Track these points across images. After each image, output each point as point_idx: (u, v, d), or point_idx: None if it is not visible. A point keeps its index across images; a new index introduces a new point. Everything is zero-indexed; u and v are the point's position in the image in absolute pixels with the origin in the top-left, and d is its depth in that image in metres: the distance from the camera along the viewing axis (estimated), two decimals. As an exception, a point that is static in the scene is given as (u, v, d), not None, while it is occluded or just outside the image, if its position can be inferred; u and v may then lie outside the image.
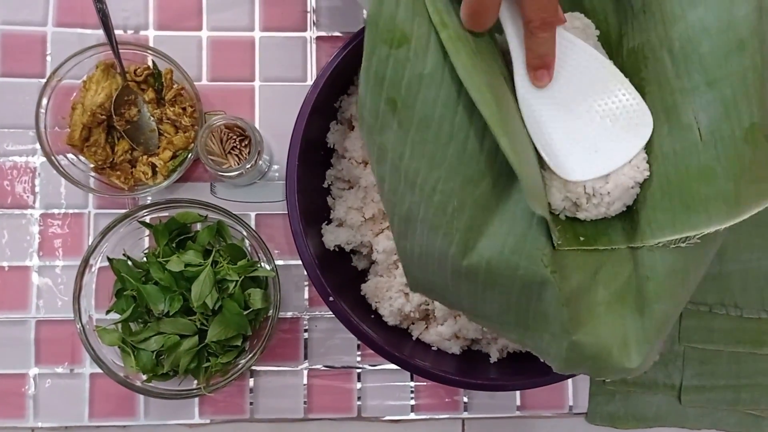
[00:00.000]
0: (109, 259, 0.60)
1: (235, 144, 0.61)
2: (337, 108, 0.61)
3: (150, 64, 0.63)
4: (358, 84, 0.59)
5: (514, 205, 0.41)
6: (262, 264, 0.61)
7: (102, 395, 0.64)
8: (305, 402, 0.64)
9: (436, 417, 0.65)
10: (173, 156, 0.62)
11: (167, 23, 0.66)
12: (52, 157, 0.60)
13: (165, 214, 0.61)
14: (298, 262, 0.62)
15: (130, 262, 0.61)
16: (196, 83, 0.62)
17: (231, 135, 0.60)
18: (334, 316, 0.55)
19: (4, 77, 0.65)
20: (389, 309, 0.58)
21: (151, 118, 0.63)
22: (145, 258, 0.62)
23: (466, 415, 0.65)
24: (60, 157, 0.61)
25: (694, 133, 0.40)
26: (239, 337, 0.59)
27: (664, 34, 0.41)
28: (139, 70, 0.62)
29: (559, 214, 0.45)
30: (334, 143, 0.60)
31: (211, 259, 0.59)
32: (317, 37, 0.66)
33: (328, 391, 0.64)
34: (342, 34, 0.66)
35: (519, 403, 0.65)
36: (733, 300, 0.66)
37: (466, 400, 0.65)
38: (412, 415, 0.65)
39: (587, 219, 0.44)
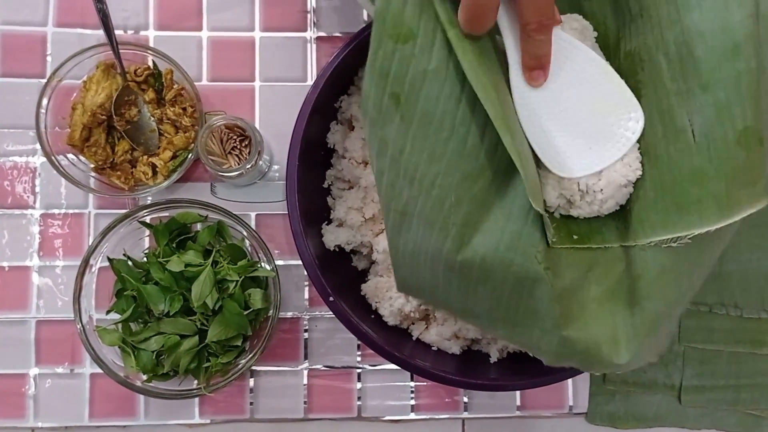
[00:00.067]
0: (110, 259, 0.60)
1: (235, 144, 0.61)
2: (338, 108, 0.61)
3: (150, 64, 0.63)
4: (358, 84, 0.60)
5: (511, 202, 0.42)
6: (263, 264, 0.61)
7: (102, 395, 0.64)
8: (305, 402, 0.64)
9: (436, 417, 0.65)
10: (173, 156, 0.63)
11: (167, 23, 0.66)
12: (53, 158, 0.60)
13: (165, 214, 0.61)
14: (299, 262, 0.62)
15: (131, 262, 0.61)
16: (196, 83, 0.62)
17: (231, 135, 0.61)
18: (334, 316, 0.55)
19: (4, 77, 0.65)
20: (389, 309, 0.58)
21: (152, 119, 0.63)
22: (145, 258, 0.62)
23: (466, 415, 0.65)
24: (60, 158, 0.61)
25: (688, 135, 0.41)
26: (239, 337, 0.59)
27: (660, 38, 0.41)
28: (139, 71, 0.63)
29: (554, 212, 0.45)
30: (334, 143, 0.61)
31: (211, 259, 0.59)
32: (317, 38, 0.66)
33: (328, 391, 0.64)
34: (342, 34, 0.66)
35: (519, 403, 0.65)
36: (733, 300, 0.66)
37: (466, 400, 0.65)
38: (412, 415, 0.65)
39: (581, 216, 0.45)
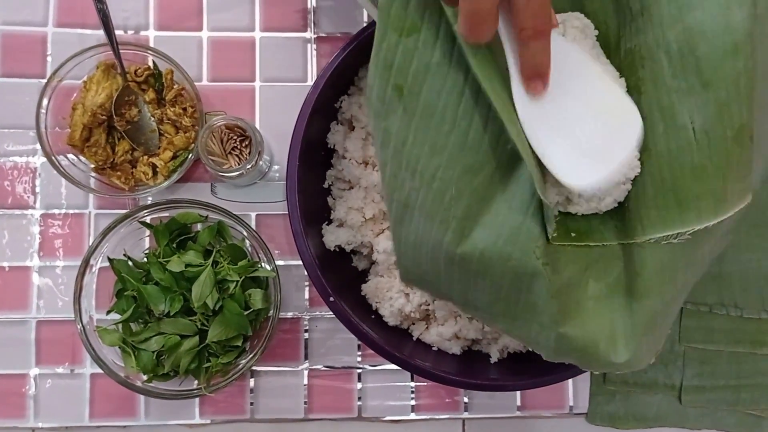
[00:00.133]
0: (110, 260, 0.60)
1: (235, 144, 0.61)
2: (338, 108, 0.61)
3: (150, 64, 0.63)
4: (358, 84, 0.60)
5: (511, 196, 0.42)
6: (263, 264, 0.61)
7: (102, 395, 0.64)
8: (306, 402, 0.64)
9: (437, 417, 0.65)
10: (174, 156, 0.63)
11: (168, 23, 0.66)
12: (53, 158, 0.60)
13: (165, 214, 0.61)
14: (299, 263, 0.62)
15: (131, 263, 0.61)
16: (196, 83, 0.62)
17: (231, 135, 0.61)
18: (335, 316, 0.55)
19: (4, 77, 0.65)
20: (390, 309, 0.58)
21: (152, 119, 0.63)
22: (145, 258, 0.62)
23: (466, 415, 0.65)
24: (60, 158, 0.61)
25: (688, 132, 0.41)
26: (240, 337, 0.59)
27: (661, 36, 0.41)
28: (139, 71, 0.63)
29: (553, 209, 0.45)
30: (334, 144, 0.61)
31: (211, 260, 0.59)
32: (317, 38, 0.66)
33: (329, 392, 0.64)
34: (342, 34, 0.66)
35: (519, 403, 0.65)
36: (733, 300, 0.66)
37: (466, 400, 0.65)
38: (413, 416, 0.65)
39: (579, 213, 0.45)
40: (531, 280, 0.42)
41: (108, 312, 0.61)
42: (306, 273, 0.56)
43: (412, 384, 0.65)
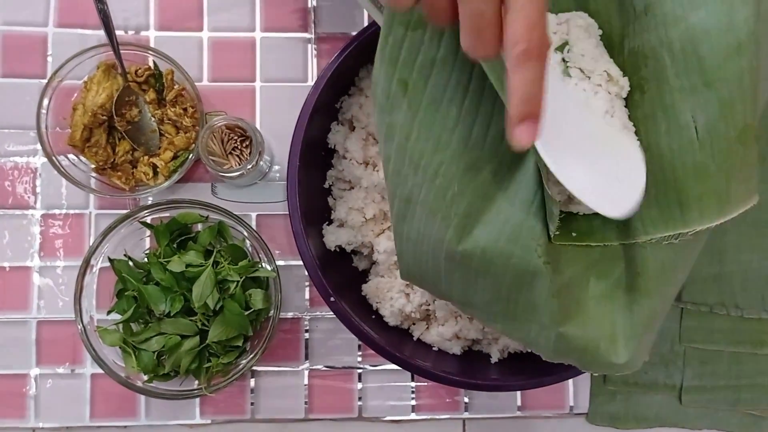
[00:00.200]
0: (110, 260, 0.60)
1: (236, 145, 0.61)
2: (338, 109, 0.61)
3: (151, 64, 0.63)
4: (359, 85, 0.60)
5: (513, 194, 0.42)
6: (263, 264, 0.61)
7: (103, 396, 0.64)
8: (306, 402, 0.64)
9: (437, 417, 0.65)
10: (174, 156, 0.63)
11: (168, 24, 0.66)
12: (53, 158, 0.60)
13: (166, 214, 0.61)
14: (299, 263, 0.62)
15: (131, 263, 0.61)
16: (197, 84, 0.62)
17: (232, 135, 0.61)
18: (335, 316, 0.55)
19: (5, 78, 0.65)
20: (390, 309, 0.58)
21: (152, 119, 0.63)
22: (146, 258, 0.62)
23: (466, 415, 0.65)
24: (61, 158, 0.61)
25: (690, 131, 0.41)
26: (240, 337, 0.59)
27: (665, 35, 0.41)
28: (140, 71, 0.63)
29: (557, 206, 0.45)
30: (335, 144, 0.60)
31: (212, 260, 0.59)
32: (318, 38, 0.66)
33: (329, 392, 0.64)
34: (342, 34, 0.66)
35: (520, 403, 0.65)
36: (733, 300, 0.66)
37: (467, 400, 0.65)
38: (413, 416, 0.65)
39: (580, 213, 0.45)
40: (532, 279, 0.42)
41: (108, 312, 0.61)
42: (306, 273, 0.56)
43: (413, 384, 0.65)
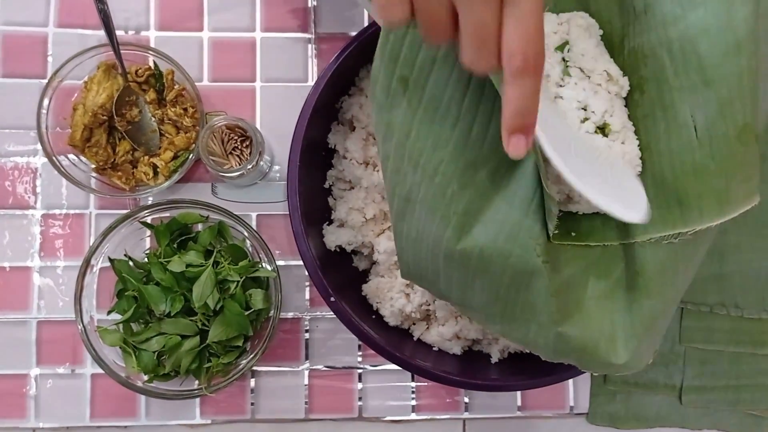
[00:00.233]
0: (111, 260, 0.60)
1: (236, 145, 0.61)
2: (338, 109, 0.61)
3: (151, 64, 0.63)
4: (359, 85, 0.60)
5: (513, 193, 0.42)
6: (263, 264, 0.61)
7: (103, 396, 0.64)
8: (306, 402, 0.64)
9: (437, 417, 0.65)
10: (174, 156, 0.63)
11: (168, 24, 0.66)
12: (54, 158, 0.60)
13: (166, 214, 0.61)
14: (299, 263, 0.62)
15: (132, 263, 0.61)
16: (197, 84, 0.62)
17: (232, 135, 0.61)
18: (335, 316, 0.55)
19: (5, 78, 0.65)
20: (390, 309, 0.58)
21: (153, 119, 0.63)
22: (146, 258, 0.62)
23: (467, 415, 0.65)
24: (61, 158, 0.61)
25: (689, 131, 0.41)
26: (240, 337, 0.59)
27: (664, 34, 0.41)
28: (140, 71, 0.63)
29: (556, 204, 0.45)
30: (335, 144, 0.61)
31: (212, 260, 0.59)
32: (318, 38, 0.66)
33: (329, 392, 0.64)
34: (342, 34, 0.66)
35: (520, 403, 0.65)
36: (733, 300, 0.66)
37: (467, 400, 0.65)
38: (413, 416, 0.65)
39: (580, 212, 0.45)
40: (530, 279, 0.42)
41: (109, 312, 0.61)
42: (307, 273, 0.56)
43: (413, 384, 0.65)
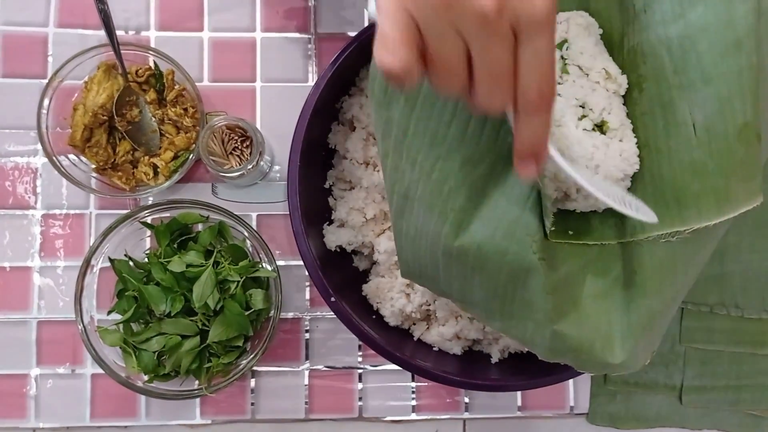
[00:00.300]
0: (111, 260, 0.60)
1: (236, 145, 0.61)
2: (339, 109, 0.61)
3: (151, 64, 0.63)
4: (359, 85, 0.60)
5: (510, 189, 0.42)
6: (264, 264, 0.61)
7: (103, 396, 0.64)
8: (306, 402, 0.64)
9: (438, 417, 0.65)
10: (175, 157, 0.63)
11: (168, 24, 0.66)
12: (54, 158, 0.60)
13: (166, 214, 0.61)
14: (300, 263, 0.62)
15: (132, 263, 0.61)
16: (197, 84, 0.62)
17: (232, 136, 0.61)
18: (336, 316, 0.55)
19: (5, 78, 0.65)
20: (390, 309, 0.58)
21: (153, 119, 0.63)
22: (146, 258, 0.62)
23: (467, 415, 0.65)
24: (61, 158, 0.61)
25: (688, 129, 0.41)
26: (241, 337, 0.59)
27: (663, 33, 0.41)
28: (140, 71, 0.63)
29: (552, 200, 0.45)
30: (335, 144, 0.61)
31: (212, 260, 0.59)
32: (318, 38, 0.66)
33: (330, 392, 0.64)
34: (342, 34, 0.66)
35: (520, 403, 0.65)
36: (734, 300, 0.66)
37: (467, 400, 0.65)
38: (414, 416, 0.65)
39: (577, 210, 0.45)
40: (527, 276, 0.42)
41: (109, 312, 0.61)
42: (307, 273, 0.56)
43: (413, 384, 0.65)
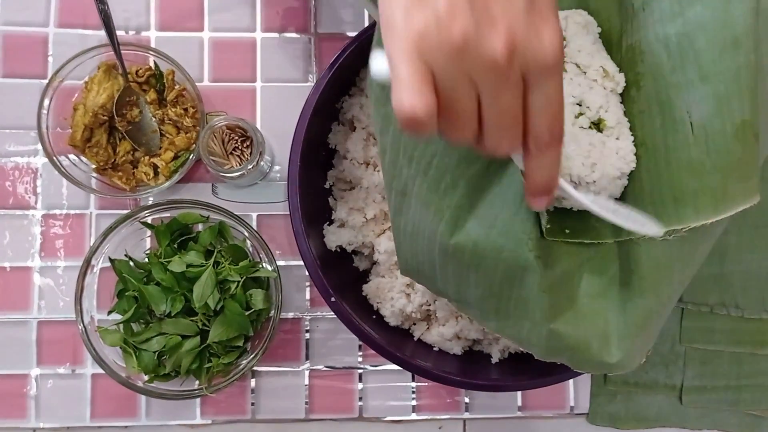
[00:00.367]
0: (111, 260, 0.60)
1: (236, 145, 0.61)
2: (339, 109, 0.61)
3: (152, 64, 0.63)
4: (359, 85, 0.60)
5: (506, 187, 0.42)
6: (264, 264, 0.61)
7: (103, 396, 0.64)
8: (307, 402, 0.64)
9: (438, 417, 0.65)
10: (175, 157, 0.63)
11: (169, 24, 0.66)
12: (54, 158, 0.60)
13: (167, 214, 0.61)
14: (300, 263, 0.62)
15: (132, 263, 0.61)
16: (197, 84, 0.62)
17: (233, 136, 0.61)
18: (336, 316, 0.55)
19: (5, 78, 0.65)
20: (391, 309, 0.58)
21: (153, 119, 0.63)
22: (146, 259, 0.62)
23: (467, 415, 0.65)
24: (62, 158, 0.61)
25: (686, 127, 0.41)
26: (241, 337, 0.59)
27: (661, 31, 0.41)
28: (140, 71, 0.63)
29: None
30: (335, 144, 0.61)
31: (212, 260, 0.59)
32: (318, 38, 0.66)
33: (330, 392, 0.64)
34: (342, 34, 0.66)
35: (520, 403, 0.65)
36: (734, 301, 0.66)
37: (467, 400, 0.65)
38: (414, 416, 0.65)
39: (574, 208, 0.45)
40: (523, 274, 0.42)
41: (109, 312, 0.61)
42: (307, 273, 0.56)
43: (413, 384, 0.65)
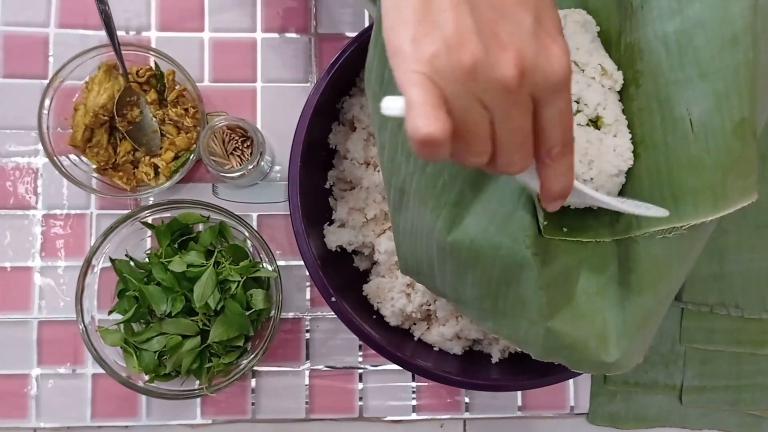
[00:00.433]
0: (112, 260, 0.60)
1: (237, 145, 0.61)
2: (339, 109, 0.61)
3: (152, 65, 0.64)
4: (359, 85, 0.60)
5: (504, 185, 0.42)
6: (264, 264, 0.61)
7: (104, 395, 0.64)
8: (307, 402, 0.64)
9: (438, 417, 0.65)
10: (175, 157, 0.63)
11: (169, 24, 0.66)
12: (55, 158, 0.60)
13: (167, 214, 0.61)
14: (300, 263, 0.62)
15: (133, 263, 0.61)
16: (198, 84, 0.62)
17: (233, 136, 0.61)
18: (336, 316, 0.55)
19: (6, 78, 0.65)
20: (391, 309, 0.58)
21: (154, 119, 0.63)
22: (147, 259, 0.62)
23: (467, 415, 0.65)
24: (62, 158, 0.61)
25: (685, 124, 0.41)
26: (241, 337, 0.59)
27: (660, 28, 0.41)
28: (141, 71, 0.63)
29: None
30: (335, 144, 0.61)
31: (213, 260, 0.59)
32: (319, 39, 0.66)
33: (330, 392, 0.64)
34: (343, 35, 0.66)
35: (520, 403, 0.65)
36: (734, 300, 0.66)
37: (467, 400, 0.65)
38: (414, 416, 0.65)
39: (572, 206, 0.45)
40: (520, 271, 0.42)
41: (110, 312, 0.61)
42: (307, 273, 0.56)
43: (413, 384, 0.65)
